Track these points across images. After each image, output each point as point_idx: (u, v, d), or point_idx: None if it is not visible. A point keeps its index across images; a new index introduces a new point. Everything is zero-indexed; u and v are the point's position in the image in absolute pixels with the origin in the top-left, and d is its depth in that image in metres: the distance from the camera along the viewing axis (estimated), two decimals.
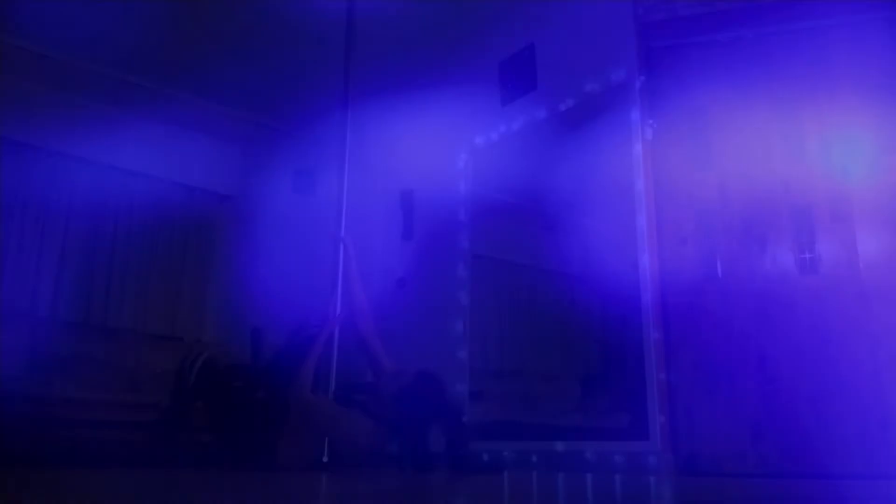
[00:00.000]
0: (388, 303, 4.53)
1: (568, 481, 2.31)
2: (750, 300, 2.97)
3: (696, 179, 3.17)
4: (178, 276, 4.78)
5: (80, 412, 3.35)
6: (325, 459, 2.33)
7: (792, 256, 2.96)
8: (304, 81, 4.89)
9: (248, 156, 5.26)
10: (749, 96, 3.16)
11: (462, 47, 4.39)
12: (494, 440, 3.51)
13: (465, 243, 4.07)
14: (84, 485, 1.68)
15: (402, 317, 4.40)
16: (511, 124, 3.91)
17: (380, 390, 2.48)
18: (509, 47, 4.01)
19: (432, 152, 4.47)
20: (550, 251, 4.27)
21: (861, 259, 2.86)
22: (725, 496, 1.69)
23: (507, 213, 4.31)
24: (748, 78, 3.17)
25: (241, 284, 5.07)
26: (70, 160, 4.47)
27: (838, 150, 2.98)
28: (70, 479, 1.90)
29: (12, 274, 4.13)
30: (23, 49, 4.38)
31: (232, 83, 4.95)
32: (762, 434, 2.81)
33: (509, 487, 1.95)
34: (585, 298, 4.07)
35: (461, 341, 3.93)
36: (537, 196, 4.25)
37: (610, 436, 3.27)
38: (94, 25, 4.28)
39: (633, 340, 3.11)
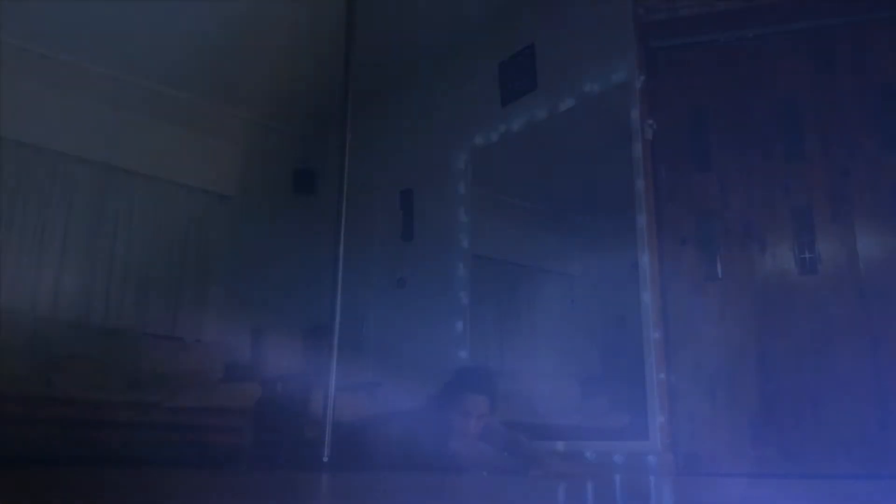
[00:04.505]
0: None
1: (567, 481, 2.31)
2: (750, 300, 2.97)
3: (696, 179, 3.17)
4: (178, 276, 4.78)
5: (81, 412, 3.35)
6: (325, 459, 2.33)
7: (792, 256, 2.96)
8: (304, 81, 4.89)
9: (248, 156, 5.26)
10: (749, 96, 3.16)
11: (462, 47, 4.40)
12: None
13: (465, 243, 4.07)
14: (84, 485, 1.68)
15: (402, 317, 4.40)
16: (511, 124, 3.91)
17: None
18: (509, 47, 4.01)
19: (432, 152, 4.47)
20: (551, 251, 4.28)
21: (861, 259, 2.86)
22: (725, 496, 1.69)
23: (507, 213, 4.31)
24: (748, 78, 3.17)
25: (241, 284, 5.08)
26: (70, 160, 4.47)
27: (838, 150, 2.98)
28: (70, 479, 1.90)
29: (12, 274, 4.13)
30: (23, 49, 4.38)
31: (232, 83, 4.95)
32: (762, 434, 2.82)
33: (510, 488, 1.95)
34: (585, 298, 4.08)
35: (461, 341, 3.93)
36: (537, 196, 4.26)
37: (610, 436, 3.27)
38: (94, 25, 4.29)
39: (633, 340, 3.11)
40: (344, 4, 2.85)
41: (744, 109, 3.15)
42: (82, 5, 4.09)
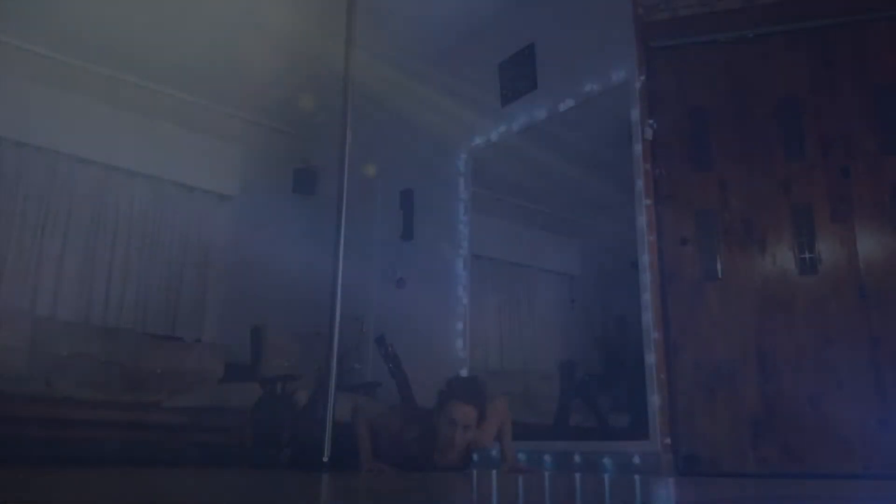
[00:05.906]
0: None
1: (567, 481, 2.31)
2: (750, 300, 2.97)
3: (696, 179, 3.17)
4: (178, 276, 4.79)
5: (80, 412, 3.35)
6: (325, 459, 2.34)
7: (792, 256, 2.96)
8: (304, 82, 4.89)
9: (248, 156, 5.26)
10: (749, 96, 3.16)
11: (462, 47, 4.39)
12: None
13: (465, 243, 4.08)
14: (84, 485, 1.68)
15: (402, 316, 4.40)
16: (511, 124, 3.91)
17: None
18: (509, 47, 4.01)
19: (432, 152, 4.47)
20: (551, 251, 4.28)
21: (861, 259, 2.86)
22: (725, 496, 1.69)
23: (507, 213, 4.31)
24: (748, 78, 3.17)
25: (241, 284, 5.07)
26: (70, 160, 4.47)
27: (838, 150, 2.98)
28: (70, 479, 1.90)
29: (12, 274, 4.13)
30: (23, 49, 4.38)
31: (232, 83, 4.95)
32: (762, 434, 2.82)
33: (511, 487, 1.95)
34: (585, 298, 4.07)
35: (461, 341, 3.93)
36: (537, 196, 4.26)
37: (610, 436, 3.27)
38: (93, 25, 4.28)
39: (632, 341, 3.11)
40: (344, 5, 2.85)
41: (744, 109, 3.15)
42: (82, 5, 4.09)
